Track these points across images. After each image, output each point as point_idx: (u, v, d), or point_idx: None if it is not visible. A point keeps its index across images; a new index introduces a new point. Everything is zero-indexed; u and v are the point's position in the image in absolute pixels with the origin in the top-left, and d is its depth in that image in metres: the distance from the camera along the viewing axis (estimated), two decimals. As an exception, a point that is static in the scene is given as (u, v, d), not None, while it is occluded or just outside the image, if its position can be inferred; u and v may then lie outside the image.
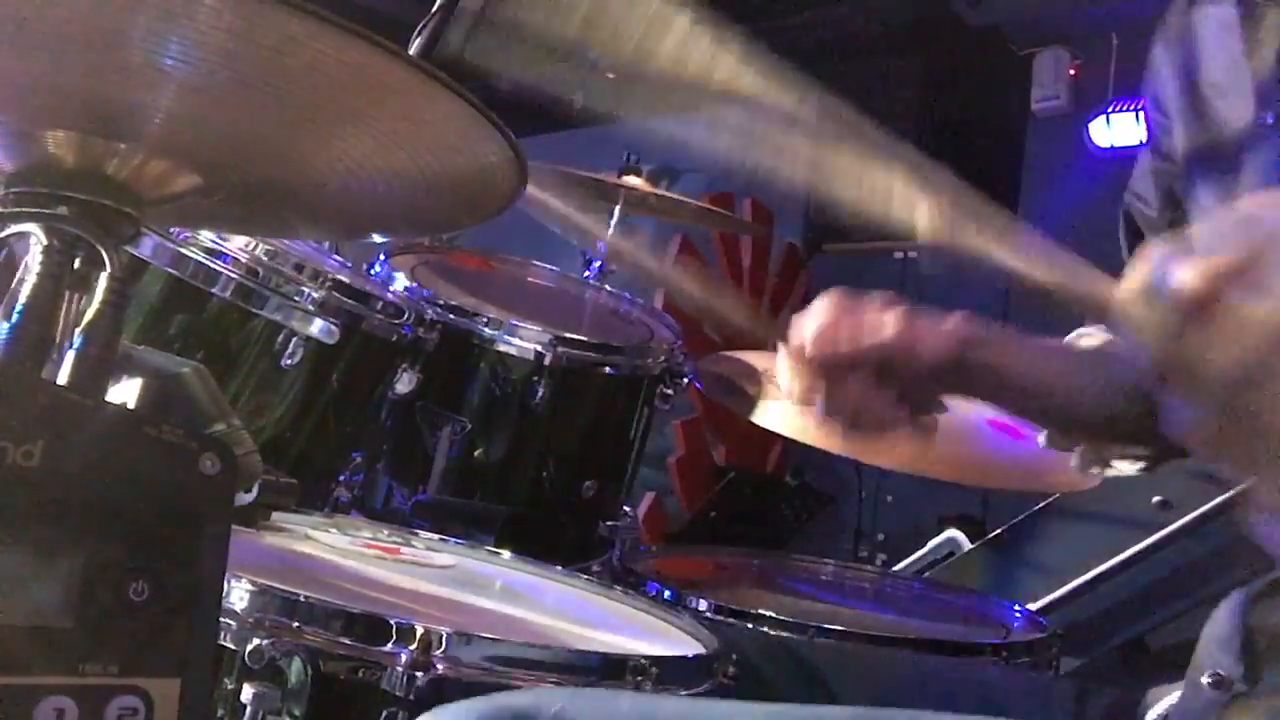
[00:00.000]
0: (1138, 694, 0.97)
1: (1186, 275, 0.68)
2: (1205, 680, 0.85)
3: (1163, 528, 2.56)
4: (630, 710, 0.82)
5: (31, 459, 0.58)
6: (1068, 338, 1.18)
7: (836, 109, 0.82)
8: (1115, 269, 0.75)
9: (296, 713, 0.86)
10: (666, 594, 1.47)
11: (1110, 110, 4.19)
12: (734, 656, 1.05)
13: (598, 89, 0.91)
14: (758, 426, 1.71)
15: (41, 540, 0.58)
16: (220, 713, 0.86)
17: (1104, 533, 2.66)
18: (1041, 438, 1.20)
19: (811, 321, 0.96)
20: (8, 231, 0.75)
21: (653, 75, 0.82)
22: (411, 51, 1.14)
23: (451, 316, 1.82)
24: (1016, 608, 1.84)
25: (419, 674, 0.87)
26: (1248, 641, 0.85)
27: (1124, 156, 4.17)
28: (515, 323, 1.85)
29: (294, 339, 1.55)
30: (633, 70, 0.83)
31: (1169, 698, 0.92)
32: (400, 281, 1.84)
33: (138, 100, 0.72)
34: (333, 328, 1.57)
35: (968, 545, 2.84)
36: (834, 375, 0.95)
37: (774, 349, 1.00)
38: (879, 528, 4.46)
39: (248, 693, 0.86)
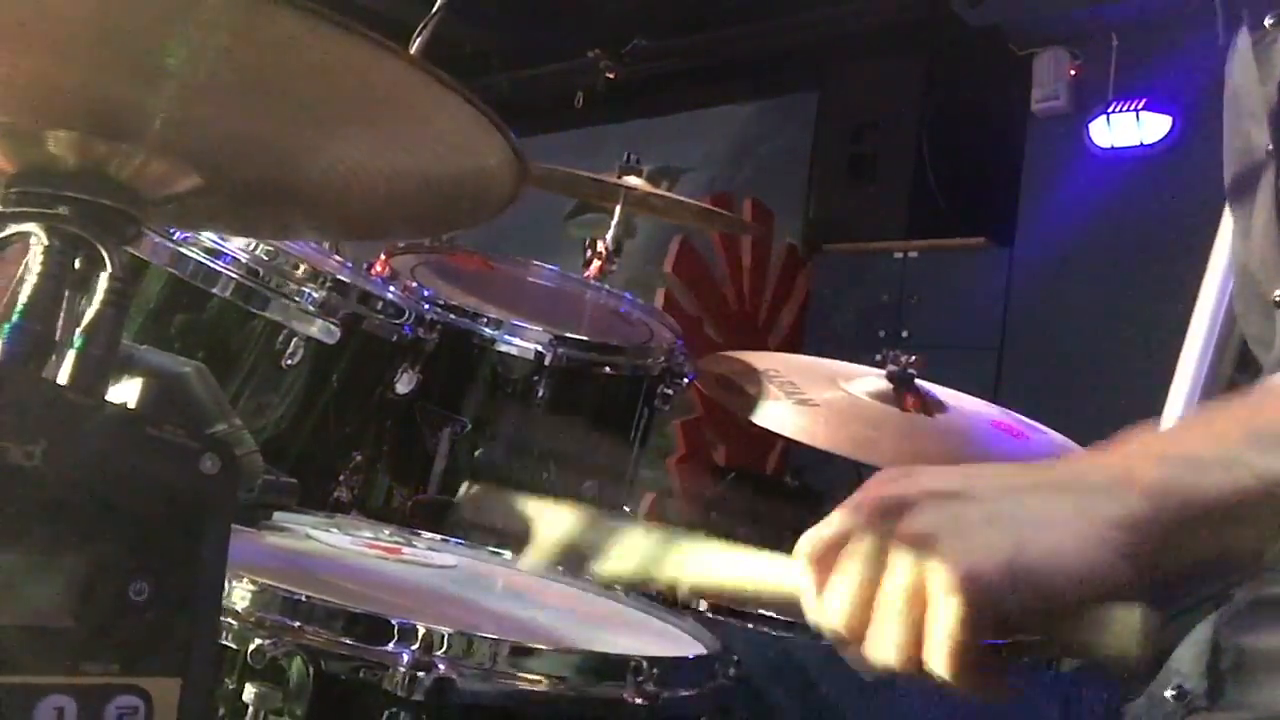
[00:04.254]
0: (1131, 693, 0.97)
1: None
2: (1168, 694, 0.85)
3: (1163, 528, 2.56)
4: None
5: (32, 459, 0.58)
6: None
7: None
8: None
9: (298, 713, 0.86)
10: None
11: (1110, 110, 4.19)
12: (734, 656, 1.05)
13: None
14: (758, 426, 1.71)
15: (41, 540, 0.58)
16: (221, 712, 0.86)
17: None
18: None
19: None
20: (8, 231, 0.75)
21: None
22: (412, 51, 1.14)
23: (451, 316, 1.82)
24: (1016, 607, 1.84)
25: (421, 674, 0.87)
26: (1214, 658, 0.84)
27: (1124, 157, 4.16)
28: (515, 323, 1.85)
29: (294, 339, 1.55)
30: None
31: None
32: (400, 281, 1.83)
33: (138, 100, 0.72)
34: (333, 328, 1.57)
35: (968, 545, 2.83)
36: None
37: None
38: (879, 527, 4.45)
39: (249, 692, 0.86)
